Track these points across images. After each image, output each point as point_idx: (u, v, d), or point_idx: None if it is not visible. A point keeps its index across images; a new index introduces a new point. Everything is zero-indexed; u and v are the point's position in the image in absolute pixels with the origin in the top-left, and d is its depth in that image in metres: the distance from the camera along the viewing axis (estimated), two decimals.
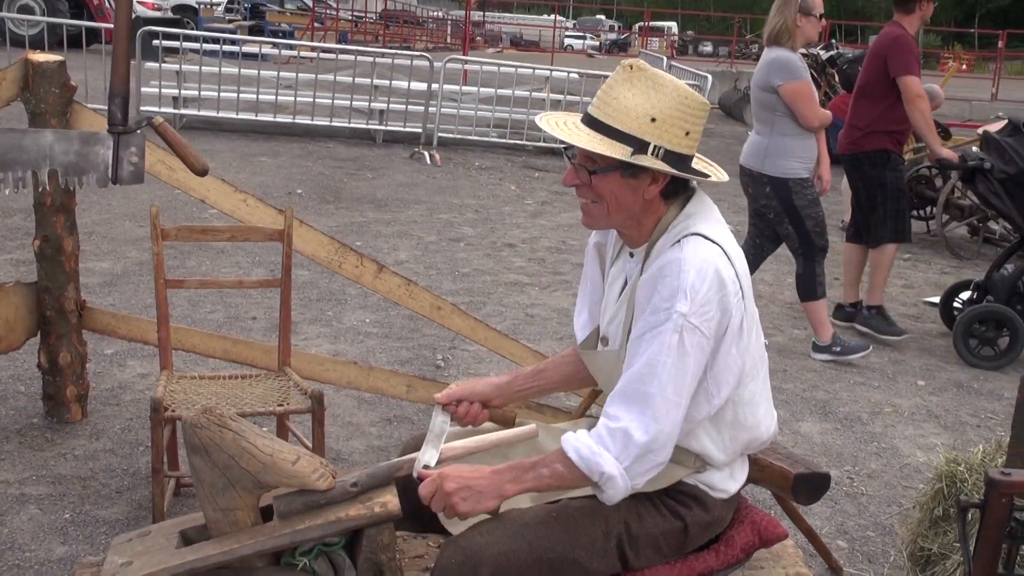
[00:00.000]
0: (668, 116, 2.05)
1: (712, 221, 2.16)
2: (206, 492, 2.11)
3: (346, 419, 4.48)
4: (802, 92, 5.42)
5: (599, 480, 2.03)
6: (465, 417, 2.35)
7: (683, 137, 2.08)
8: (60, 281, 4.04)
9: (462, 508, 2.02)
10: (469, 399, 2.36)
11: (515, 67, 12.62)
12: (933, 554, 3.24)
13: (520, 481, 2.06)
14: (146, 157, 3.75)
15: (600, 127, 2.08)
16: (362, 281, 4.02)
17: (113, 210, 7.88)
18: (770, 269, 7.84)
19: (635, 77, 2.06)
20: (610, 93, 2.08)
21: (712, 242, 2.08)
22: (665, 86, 2.06)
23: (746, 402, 2.18)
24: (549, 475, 2.06)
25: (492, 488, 2.04)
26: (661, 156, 2.06)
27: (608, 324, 2.29)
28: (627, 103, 2.05)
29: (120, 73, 2.65)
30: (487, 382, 2.42)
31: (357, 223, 8.21)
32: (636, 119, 2.05)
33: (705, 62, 28.95)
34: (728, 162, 13.03)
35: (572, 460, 2.04)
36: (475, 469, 2.07)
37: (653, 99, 2.05)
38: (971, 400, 5.34)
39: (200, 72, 11.68)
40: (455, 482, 2.02)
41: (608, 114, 2.07)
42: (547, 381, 2.50)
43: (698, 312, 2.00)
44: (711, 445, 2.17)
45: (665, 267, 2.05)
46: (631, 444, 2.02)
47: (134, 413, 4.34)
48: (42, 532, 3.42)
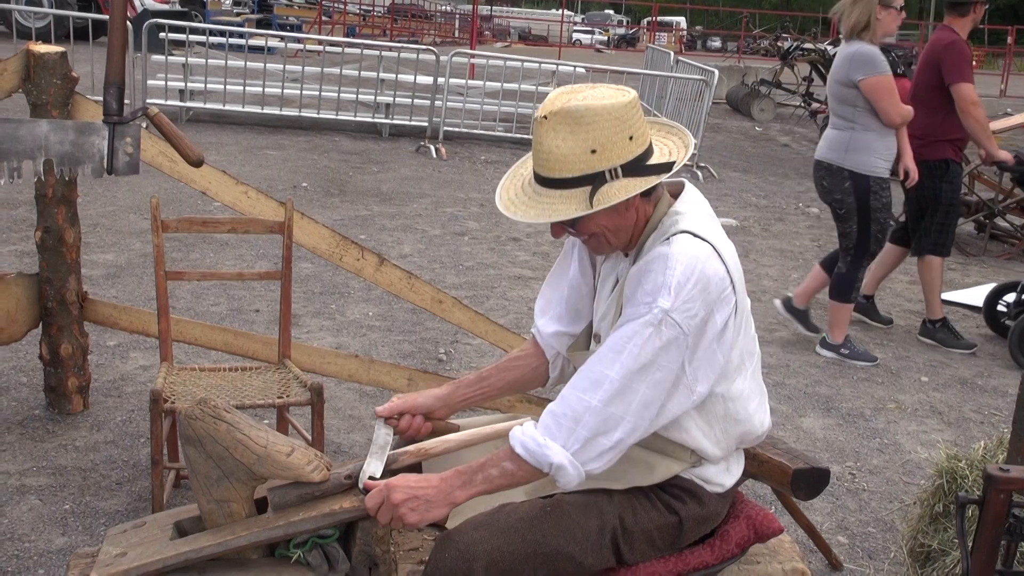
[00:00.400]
0: (605, 139, 2.00)
1: (703, 217, 2.13)
2: (201, 483, 2.11)
3: (347, 412, 4.48)
4: (883, 87, 5.30)
5: (549, 471, 2.03)
6: (407, 431, 2.32)
7: (629, 143, 2.02)
8: (62, 272, 4.05)
9: (410, 519, 2.01)
10: (411, 411, 2.33)
11: (521, 61, 12.60)
12: (933, 550, 3.23)
13: (469, 485, 2.04)
14: (148, 149, 3.78)
15: (551, 183, 2.04)
16: (363, 274, 4.01)
17: (117, 202, 7.89)
18: (775, 264, 7.83)
19: (554, 123, 2.00)
20: (542, 148, 2.03)
21: (702, 239, 2.05)
22: (583, 115, 1.99)
23: (735, 396, 2.16)
24: (499, 475, 2.05)
25: (440, 496, 2.02)
26: (620, 175, 2.01)
27: (600, 321, 2.28)
28: (562, 151, 2.00)
29: (115, 63, 2.65)
30: (428, 394, 2.37)
31: (362, 216, 8.20)
32: (578, 160, 2.00)
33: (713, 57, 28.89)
34: (735, 157, 13.01)
35: (520, 455, 2.04)
36: (422, 478, 2.05)
37: (580, 134, 1.99)
38: (975, 396, 5.32)
39: (206, 65, 11.69)
40: (402, 492, 2.01)
41: (551, 168, 2.02)
42: (490, 388, 2.44)
43: (680, 309, 1.98)
44: (703, 439, 2.16)
45: (652, 262, 2.03)
46: (579, 427, 2.01)
47: (135, 405, 4.34)
48: (42, 523, 3.42)
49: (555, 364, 2.45)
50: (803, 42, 18.18)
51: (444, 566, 2.00)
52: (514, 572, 2.04)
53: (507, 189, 2.16)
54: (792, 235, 9.01)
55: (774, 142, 15.33)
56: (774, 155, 13.99)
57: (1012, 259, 8.73)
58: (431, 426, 2.35)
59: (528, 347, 2.49)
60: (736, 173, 11.86)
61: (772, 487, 3.31)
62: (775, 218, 9.70)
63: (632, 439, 2.05)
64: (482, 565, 2.00)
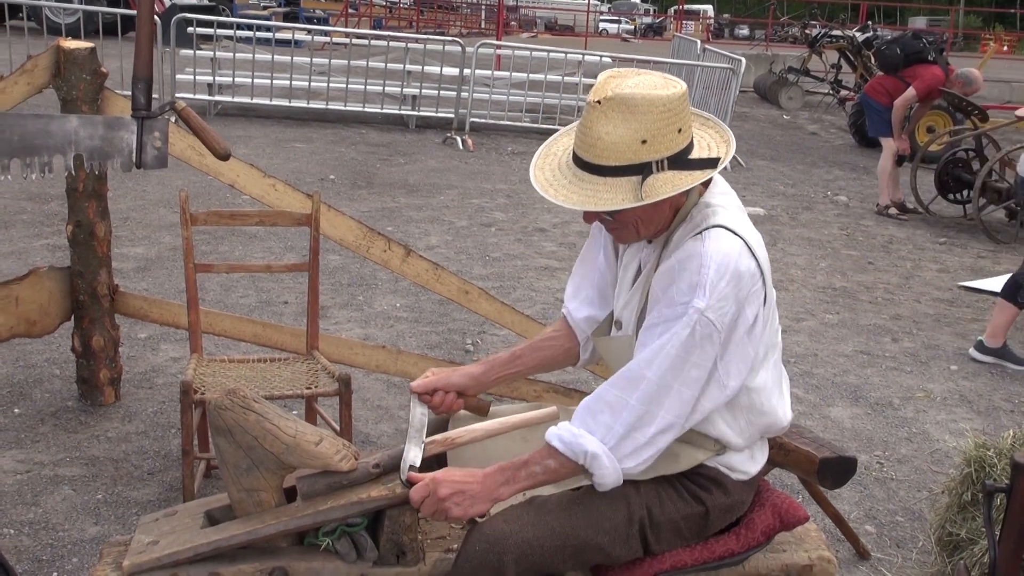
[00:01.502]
0: (656, 130, 1.97)
1: (733, 210, 2.13)
2: (230, 473, 2.13)
3: (376, 403, 4.51)
4: None
5: (585, 462, 2.05)
6: (440, 407, 2.34)
7: (677, 136, 2.00)
8: (93, 266, 4.09)
9: (455, 513, 2.04)
10: (444, 389, 2.35)
11: (547, 51, 12.58)
12: (961, 539, 3.22)
13: (513, 482, 2.07)
14: (177, 143, 3.82)
15: (596, 169, 2.00)
16: (390, 265, 4.04)
17: (147, 196, 7.96)
18: (803, 254, 7.80)
19: (608, 109, 1.97)
20: (591, 133, 1.99)
21: (735, 234, 2.05)
22: (640, 104, 1.95)
23: (760, 388, 2.17)
24: (541, 472, 2.08)
25: (485, 492, 2.05)
26: (666, 167, 2.00)
27: (623, 309, 2.28)
28: (612, 138, 1.97)
29: (143, 58, 2.68)
30: (462, 372, 2.39)
31: (389, 208, 8.23)
32: (628, 148, 1.97)
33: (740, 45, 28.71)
34: (762, 146, 12.93)
35: (556, 448, 2.06)
36: (468, 473, 2.07)
37: (634, 124, 1.96)
38: (1005, 385, 5.28)
39: (234, 59, 11.75)
40: (448, 487, 2.03)
41: (598, 154, 1.99)
42: (523, 366, 2.47)
43: (714, 307, 1.99)
44: (728, 430, 2.17)
45: (686, 260, 2.02)
46: (615, 422, 2.04)
47: (166, 396, 4.39)
48: (75, 512, 3.47)
49: (586, 346, 2.47)
50: (831, 29, 18.03)
51: (475, 558, 2.02)
52: (544, 564, 2.06)
53: (542, 169, 2.13)
54: (820, 224, 8.96)
55: (802, 130, 15.23)
56: (802, 143, 13.90)
57: None
58: (463, 403, 2.39)
59: (560, 327, 2.50)
60: (764, 162, 11.80)
61: (799, 476, 3.31)
62: (803, 207, 9.65)
63: (668, 437, 2.07)
64: (512, 558, 2.01)
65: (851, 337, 5.89)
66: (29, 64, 3.78)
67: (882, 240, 8.52)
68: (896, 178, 9.53)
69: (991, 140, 9.50)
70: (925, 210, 9.55)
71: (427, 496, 2.04)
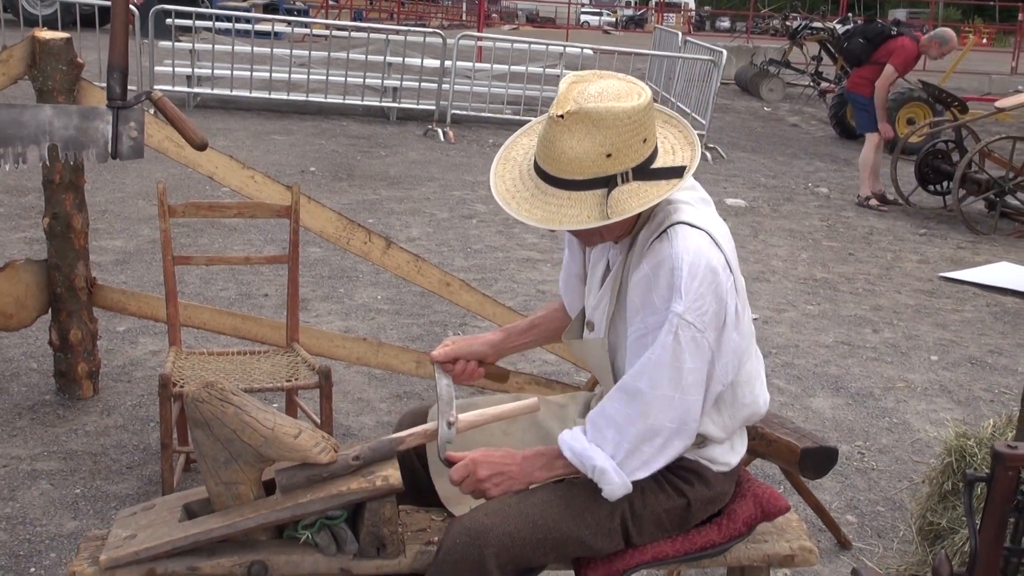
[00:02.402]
0: (622, 143, 1.93)
1: (694, 203, 2.12)
2: (208, 466, 2.11)
3: (356, 395, 4.49)
4: None
5: (592, 475, 2.07)
6: (462, 375, 2.38)
7: (642, 145, 1.97)
8: (70, 258, 4.06)
9: (493, 493, 2.08)
10: (465, 357, 2.38)
11: (529, 43, 12.55)
12: (942, 528, 3.23)
13: (550, 468, 2.12)
14: (154, 135, 3.79)
15: (561, 183, 1.96)
16: (370, 257, 4.02)
17: (126, 189, 7.90)
18: (784, 245, 7.81)
19: (570, 124, 1.91)
20: (554, 147, 1.94)
21: (698, 228, 2.03)
22: (603, 118, 1.91)
23: (743, 381, 2.18)
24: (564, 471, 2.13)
25: (523, 474, 2.10)
26: (630, 178, 1.96)
27: (593, 311, 2.27)
28: (576, 152, 1.93)
29: (118, 47, 2.64)
30: (483, 340, 2.42)
31: (370, 200, 8.20)
32: (593, 163, 1.93)
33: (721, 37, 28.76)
34: (743, 138, 12.94)
35: (569, 460, 2.09)
36: (506, 454, 2.11)
37: (599, 137, 1.92)
38: (985, 375, 5.31)
39: (213, 51, 11.68)
40: (487, 468, 2.07)
41: (561, 168, 1.95)
42: (541, 335, 2.50)
43: (692, 308, 1.98)
44: (712, 426, 2.17)
45: (658, 266, 2.01)
46: (622, 439, 2.05)
47: (145, 390, 4.36)
48: (53, 507, 3.44)
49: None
50: (812, 21, 18.09)
51: (456, 552, 2.01)
52: (525, 557, 2.06)
53: (502, 177, 2.09)
54: (801, 215, 8.98)
55: (783, 122, 15.26)
56: (783, 135, 13.93)
57: (1023, 237, 8.69)
58: (484, 371, 2.41)
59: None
60: (745, 153, 11.81)
61: (780, 466, 3.32)
62: (784, 198, 9.67)
63: (679, 444, 2.08)
64: (494, 551, 2.01)
65: (832, 328, 5.90)
66: (4, 54, 3.74)
67: (863, 231, 8.55)
68: (877, 170, 9.55)
69: (971, 131, 9.54)
70: (905, 201, 9.59)
71: (467, 476, 2.08)
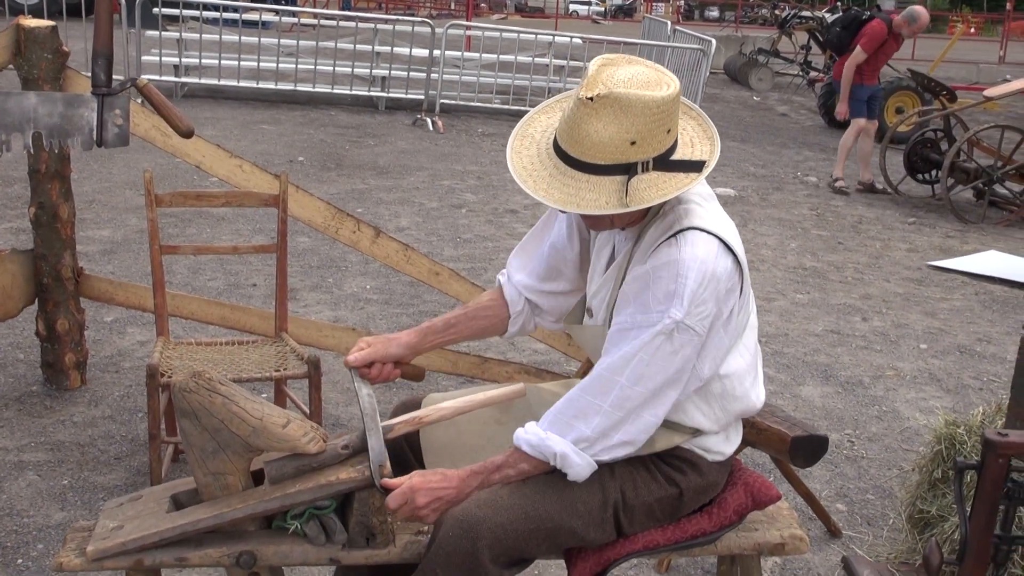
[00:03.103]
0: (647, 132, 1.92)
1: (707, 206, 2.10)
2: (196, 456, 2.10)
3: (345, 385, 4.47)
4: None
5: (556, 463, 2.06)
6: (377, 378, 2.32)
7: (665, 136, 1.96)
8: (56, 248, 4.03)
9: (431, 519, 2.06)
10: (381, 360, 2.32)
11: (518, 33, 12.52)
12: (932, 516, 3.23)
13: (487, 484, 2.09)
14: (141, 123, 3.76)
15: (581, 166, 1.95)
16: (359, 246, 4.00)
17: (113, 179, 7.86)
18: (773, 234, 7.81)
19: (599, 107, 1.89)
20: (579, 129, 1.92)
21: (709, 234, 2.02)
22: (633, 105, 1.89)
23: (731, 374, 2.16)
24: (515, 474, 2.09)
25: (461, 497, 2.07)
26: (651, 167, 1.95)
27: (594, 297, 2.26)
28: (601, 137, 1.91)
29: (103, 34, 2.62)
30: (397, 342, 2.34)
31: (359, 190, 8.18)
32: (616, 149, 1.92)
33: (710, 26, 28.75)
34: (733, 127, 12.92)
35: (526, 452, 2.08)
36: (442, 478, 2.07)
37: (625, 123, 1.90)
38: (974, 363, 5.32)
39: (201, 40, 11.61)
40: (425, 496, 2.04)
41: (584, 152, 1.93)
42: (458, 334, 2.43)
43: (693, 314, 1.98)
44: (702, 419, 2.16)
45: (661, 268, 1.99)
46: (589, 428, 2.05)
47: (133, 380, 4.33)
48: (40, 498, 3.42)
49: (516, 320, 2.44)
50: (801, 10, 18.07)
51: (448, 544, 2.00)
52: (518, 548, 2.05)
53: (519, 153, 2.07)
54: (790, 204, 8.99)
55: (772, 111, 15.27)
56: (772, 124, 13.93)
57: (1011, 226, 8.71)
58: (399, 372, 2.37)
59: (495, 296, 2.46)
60: (734, 143, 11.81)
61: (771, 455, 3.31)
62: (773, 187, 9.67)
63: (646, 435, 2.08)
64: (486, 543, 2.00)
65: (821, 316, 5.91)
66: None
67: (852, 220, 8.55)
68: (868, 159, 9.58)
69: (959, 120, 9.55)
70: (894, 190, 9.60)
71: (404, 504, 2.04)
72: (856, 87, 9.18)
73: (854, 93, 9.23)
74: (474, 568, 1.99)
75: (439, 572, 2.00)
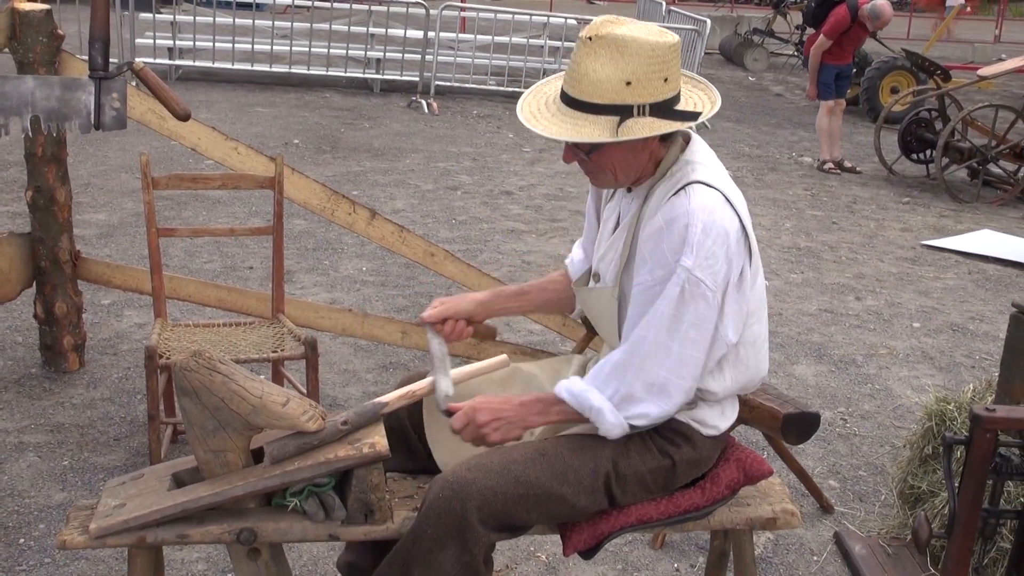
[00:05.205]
0: (642, 74, 2.02)
1: (712, 166, 2.16)
2: (197, 434, 2.13)
3: (343, 366, 4.50)
4: None
5: (589, 415, 2.12)
6: (451, 334, 2.43)
7: (663, 85, 2.05)
8: (54, 231, 4.05)
9: (493, 438, 2.13)
10: (454, 317, 2.44)
11: (512, 14, 12.49)
12: (922, 491, 3.27)
13: (545, 414, 2.17)
14: (137, 107, 3.77)
15: (579, 105, 2.05)
16: (355, 228, 4.02)
17: (109, 162, 7.86)
18: (768, 214, 7.84)
19: (598, 47, 2.01)
20: (579, 69, 2.04)
21: (714, 189, 2.09)
22: (629, 45, 2.01)
23: (751, 343, 2.21)
24: (570, 413, 2.16)
25: (519, 419, 2.15)
26: (647, 112, 2.04)
27: (600, 261, 2.31)
28: (598, 76, 2.02)
29: (99, 17, 2.64)
30: (470, 299, 2.47)
31: (354, 172, 8.18)
32: (612, 88, 2.02)
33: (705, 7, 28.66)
34: (727, 108, 12.88)
35: (565, 400, 2.14)
36: (504, 400, 2.17)
37: (622, 64, 2.01)
38: (966, 342, 5.36)
39: (195, 22, 11.59)
40: (487, 414, 2.12)
41: (583, 90, 2.04)
42: (528, 303, 2.57)
43: (702, 265, 2.03)
44: (712, 382, 2.20)
45: (672, 220, 2.06)
46: (622, 384, 2.10)
47: (131, 362, 4.36)
48: (41, 479, 3.46)
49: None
50: None
51: (438, 506, 2.04)
52: (508, 513, 2.09)
53: (529, 104, 2.18)
54: (785, 185, 9.01)
55: (767, 92, 15.25)
56: (767, 105, 13.93)
57: (1005, 205, 8.74)
58: (472, 330, 2.48)
59: (564, 274, 2.58)
60: (729, 123, 11.81)
61: (763, 432, 3.35)
62: (768, 168, 9.69)
63: (676, 400, 2.12)
64: (475, 504, 2.03)
65: (815, 296, 5.94)
66: None
67: (846, 200, 8.58)
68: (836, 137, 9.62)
69: (954, 100, 9.57)
70: (889, 170, 9.62)
71: (467, 424, 2.12)
72: (824, 67, 9.27)
73: (822, 76, 9.31)
74: (463, 529, 2.03)
75: (429, 532, 2.04)
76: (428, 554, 2.04)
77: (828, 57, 9.23)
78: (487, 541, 2.07)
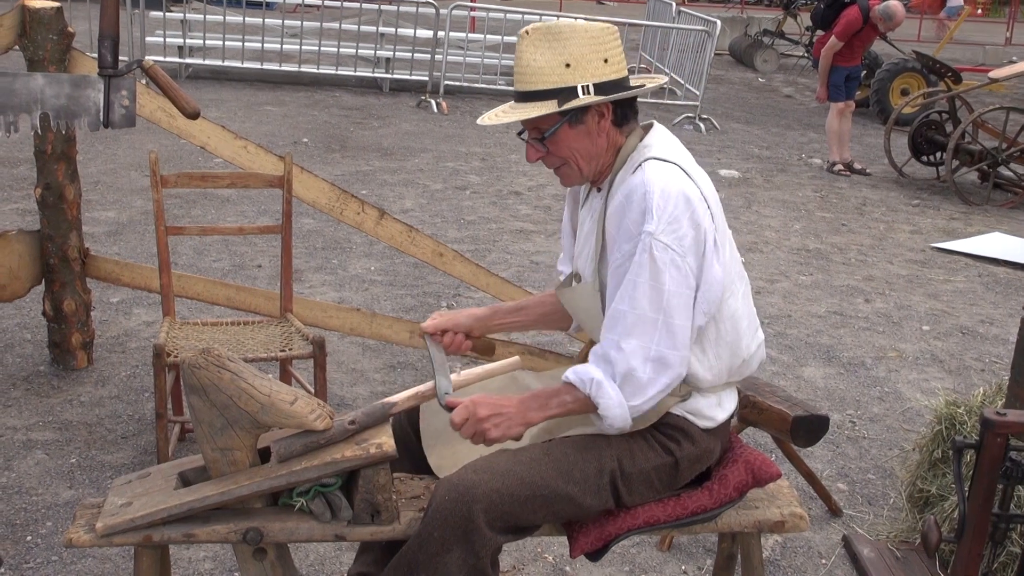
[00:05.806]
0: (579, 55, 2.12)
1: (669, 145, 2.21)
2: (205, 432, 2.12)
3: (350, 366, 4.50)
4: None
5: (590, 390, 2.10)
6: (450, 347, 2.46)
7: (604, 65, 2.14)
8: (63, 229, 4.05)
9: (493, 434, 2.12)
10: (453, 330, 2.47)
11: (522, 14, 12.48)
12: (932, 495, 3.26)
13: (545, 408, 2.16)
14: (146, 105, 3.77)
15: (526, 96, 2.16)
16: (364, 228, 4.02)
17: (118, 160, 7.87)
18: (777, 216, 7.82)
19: (533, 38, 2.13)
20: (520, 62, 2.15)
21: (669, 162, 2.13)
22: (563, 31, 2.12)
23: (727, 317, 2.21)
24: (571, 401, 2.15)
25: (519, 415, 2.14)
26: (591, 92, 2.13)
27: (578, 259, 2.36)
28: (538, 63, 2.13)
29: (109, 15, 2.63)
30: (468, 314, 2.50)
31: (363, 172, 8.18)
32: (552, 72, 2.12)
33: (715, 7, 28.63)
34: (737, 109, 12.88)
35: (571, 381, 2.14)
36: (503, 396, 2.16)
37: (558, 48, 2.12)
38: (976, 345, 5.33)
39: (205, 21, 11.60)
40: (487, 409, 2.11)
41: (527, 81, 2.15)
42: (526, 318, 2.59)
43: (666, 230, 2.05)
44: (696, 364, 2.20)
45: (630, 193, 2.10)
46: (616, 363, 2.10)
47: (139, 360, 4.37)
48: (49, 477, 3.46)
49: None
50: None
51: (444, 508, 2.03)
52: (514, 514, 2.08)
53: (489, 113, 2.27)
54: (795, 186, 8.98)
55: (777, 93, 15.22)
56: (777, 106, 13.90)
57: (1015, 207, 8.70)
58: (471, 344, 2.50)
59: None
60: (739, 124, 11.79)
61: (772, 435, 3.34)
62: (778, 169, 9.66)
63: (671, 373, 2.11)
64: (482, 507, 2.03)
65: (824, 298, 5.92)
66: None
67: (856, 202, 8.55)
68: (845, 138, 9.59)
69: (964, 102, 9.53)
70: (899, 172, 9.59)
71: (467, 419, 2.11)
72: (834, 69, 9.25)
73: (832, 78, 9.29)
74: (469, 531, 2.03)
75: (435, 535, 2.04)
76: (434, 557, 2.04)
77: (838, 59, 9.21)
78: (494, 543, 2.07)
